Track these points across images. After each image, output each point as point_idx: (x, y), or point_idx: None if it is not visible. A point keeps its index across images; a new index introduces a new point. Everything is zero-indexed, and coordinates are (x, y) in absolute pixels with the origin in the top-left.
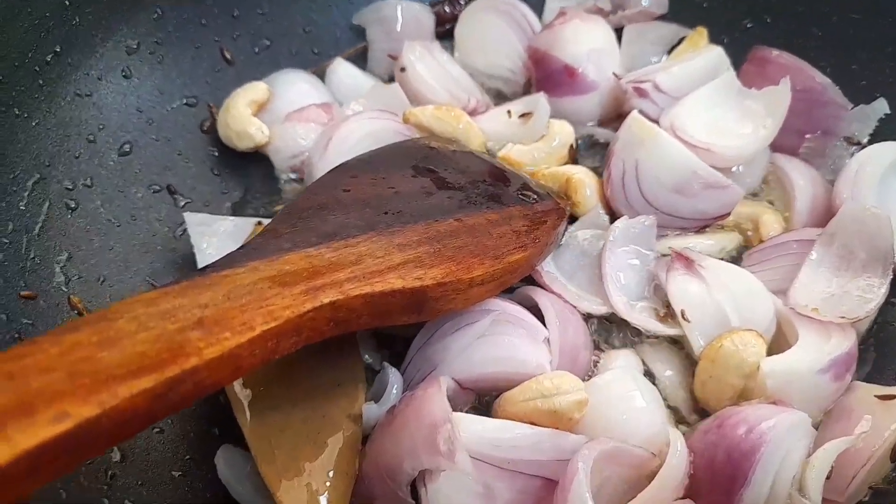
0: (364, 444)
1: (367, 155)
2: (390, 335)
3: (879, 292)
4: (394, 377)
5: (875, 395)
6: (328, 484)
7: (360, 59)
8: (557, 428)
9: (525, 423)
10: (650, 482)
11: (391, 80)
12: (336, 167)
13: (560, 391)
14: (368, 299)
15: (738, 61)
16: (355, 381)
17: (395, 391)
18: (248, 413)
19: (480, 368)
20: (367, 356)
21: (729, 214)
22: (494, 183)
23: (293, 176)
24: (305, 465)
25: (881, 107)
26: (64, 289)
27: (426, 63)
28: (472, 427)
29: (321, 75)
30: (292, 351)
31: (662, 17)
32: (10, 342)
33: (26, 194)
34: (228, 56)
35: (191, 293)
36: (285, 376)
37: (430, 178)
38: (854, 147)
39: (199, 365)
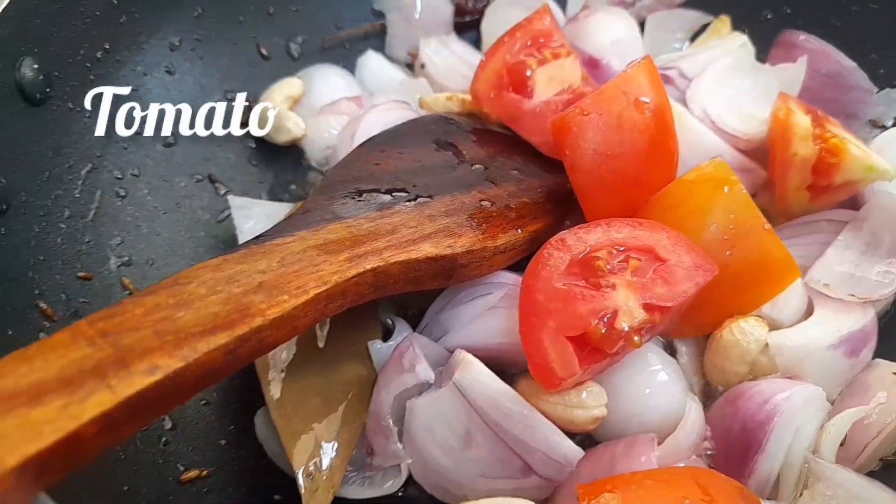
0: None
1: (391, 130)
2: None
3: None
4: (399, 326)
5: (893, 373)
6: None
7: (379, 39)
8: (567, 430)
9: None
10: None
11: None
12: (364, 142)
13: (584, 406)
14: (405, 266)
15: (758, 51)
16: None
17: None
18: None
19: (488, 338)
20: (388, 319)
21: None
22: (512, 157)
23: (326, 167)
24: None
25: None
26: (115, 270)
27: (442, 56)
28: (482, 376)
29: (351, 68)
30: (338, 312)
31: (683, 6)
32: (69, 319)
33: (80, 183)
34: (264, 52)
35: (249, 260)
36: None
37: (452, 151)
38: (878, 130)
39: (263, 324)
